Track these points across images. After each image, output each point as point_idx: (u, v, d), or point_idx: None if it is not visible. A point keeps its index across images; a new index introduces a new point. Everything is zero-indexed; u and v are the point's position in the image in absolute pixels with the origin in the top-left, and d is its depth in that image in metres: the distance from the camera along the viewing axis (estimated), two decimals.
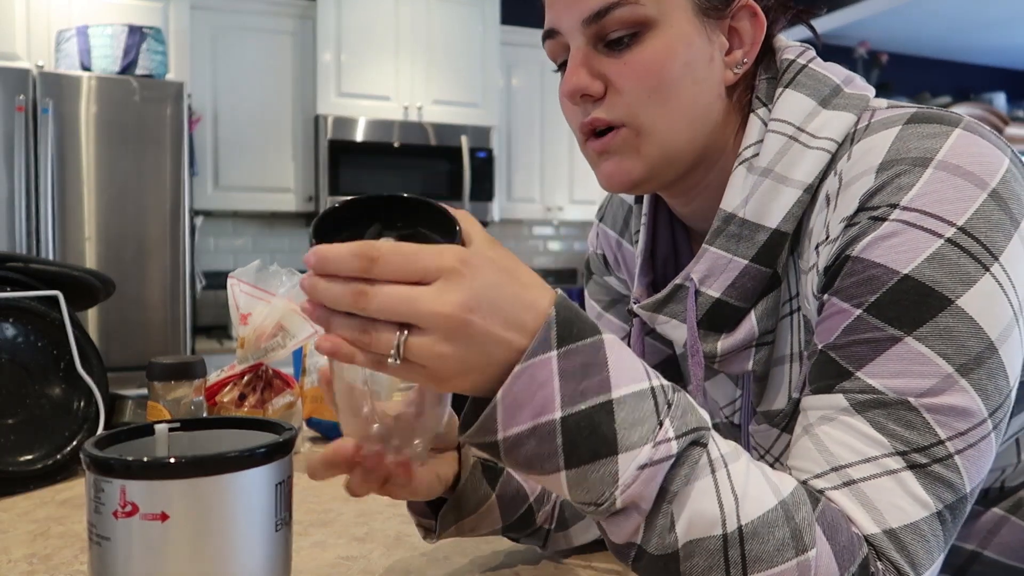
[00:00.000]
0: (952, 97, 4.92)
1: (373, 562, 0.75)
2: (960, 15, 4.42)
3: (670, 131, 0.63)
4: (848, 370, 0.54)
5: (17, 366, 1.00)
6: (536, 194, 3.99)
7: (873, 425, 0.52)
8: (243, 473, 0.49)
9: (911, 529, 0.50)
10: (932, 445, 0.51)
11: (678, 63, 0.61)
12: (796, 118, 0.62)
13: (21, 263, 1.04)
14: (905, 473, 0.51)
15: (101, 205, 2.77)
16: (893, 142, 0.56)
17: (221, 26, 3.40)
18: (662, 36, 0.61)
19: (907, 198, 0.53)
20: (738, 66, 0.65)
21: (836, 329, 0.55)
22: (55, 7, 2.98)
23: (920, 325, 0.52)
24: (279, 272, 1.12)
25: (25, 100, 2.66)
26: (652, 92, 0.62)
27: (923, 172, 0.53)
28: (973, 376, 0.52)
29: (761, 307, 0.64)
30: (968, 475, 0.52)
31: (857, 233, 0.54)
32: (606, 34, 0.62)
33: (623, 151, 0.64)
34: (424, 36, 3.63)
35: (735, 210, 0.63)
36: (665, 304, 0.67)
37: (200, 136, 3.34)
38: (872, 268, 0.53)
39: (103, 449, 0.52)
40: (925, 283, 0.52)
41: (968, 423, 0.52)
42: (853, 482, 0.52)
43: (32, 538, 0.81)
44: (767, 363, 0.67)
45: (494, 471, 0.68)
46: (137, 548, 0.48)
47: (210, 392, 1.06)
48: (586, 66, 0.63)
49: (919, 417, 0.51)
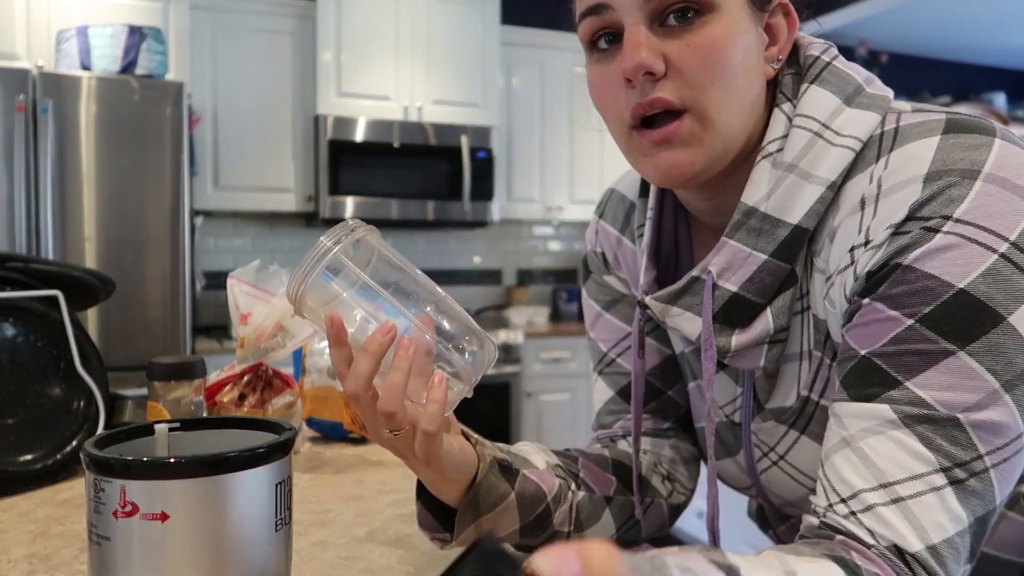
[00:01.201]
0: (952, 97, 4.92)
1: (373, 562, 0.75)
2: (960, 15, 4.42)
3: (731, 119, 0.62)
4: (897, 379, 0.54)
5: (17, 366, 1.00)
6: (536, 194, 3.99)
7: (922, 440, 0.53)
8: (243, 473, 0.49)
9: (947, 544, 0.52)
10: (972, 460, 0.52)
11: (738, 49, 0.60)
12: (821, 114, 0.62)
13: (21, 263, 1.04)
14: (947, 489, 0.52)
15: (101, 205, 2.77)
16: (936, 152, 0.56)
17: (221, 26, 3.40)
18: (723, 20, 0.60)
19: (960, 210, 0.53)
20: (775, 62, 0.64)
21: (883, 336, 0.55)
22: (55, 7, 2.98)
23: (973, 340, 0.52)
24: (279, 272, 1.12)
25: (25, 100, 2.66)
26: (717, 75, 0.60)
27: (972, 184, 0.54)
28: (1016, 392, 0.53)
29: (777, 304, 0.64)
30: (1000, 488, 0.53)
31: (909, 242, 0.54)
32: (665, 13, 0.60)
33: (689, 141, 0.61)
34: (424, 36, 3.63)
35: (757, 204, 0.62)
36: (680, 296, 0.66)
37: (200, 136, 3.34)
38: (926, 279, 0.54)
39: (103, 449, 0.52)
40: (980, 298, 0.52)
41: (1005, 438, 0.53)
42: (901, 499, 0.53)
43: (32, 538, 0.81)
44: (778, 360, 0.67)
45: (511, 471, 0.67)
46: (137, 548, 0.48)
47: (210, 392, 1.06)
48: (649, 42, 0.60)
49: (964, 434, 0.52)
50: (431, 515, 0.68)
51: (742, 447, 0.75)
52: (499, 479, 0.66)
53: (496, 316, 4.11)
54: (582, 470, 0.76)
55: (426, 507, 0.68)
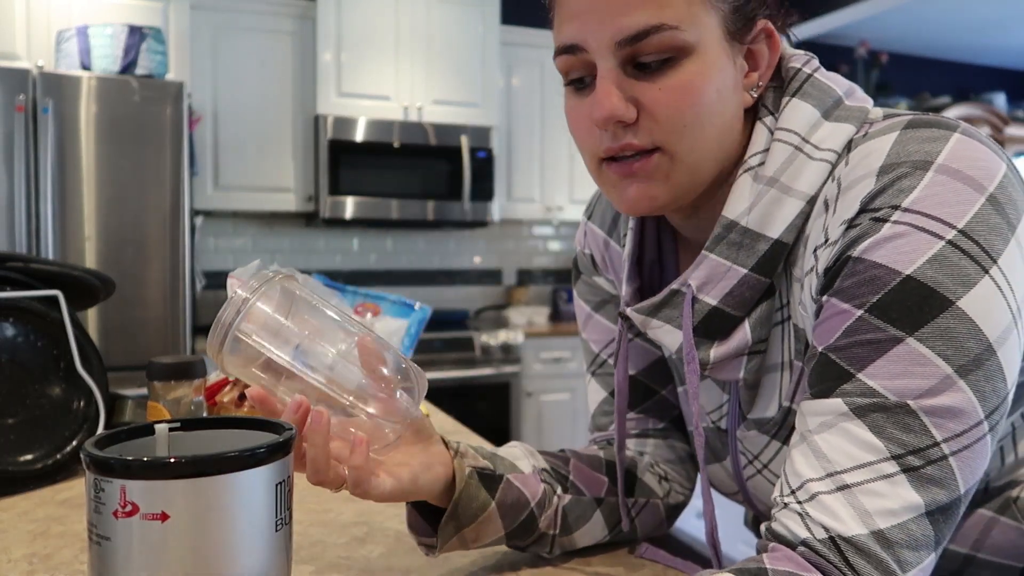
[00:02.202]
0: (952, 97, 4.92)
1: (373, 562, 0.75)
2: (960, 15, 4.42)
3: (702, 157, 0.62)
4: (849, 372, 0.54)
5: (17, 366, 1.00)
6: (536, 194, 3.99)
7: (872, 429, 0.52)
8: (243, 473, 0.49)
9: (899, 529, 0.51)
10: (927, 447, 0.52)
11: (712, 89, 0.60)
12: (802, 128, 0.62)
13: (21, 263, 1.04)
14: (899, 476, 0.51)
15: (101, 205, 2.77)
16: (893, 146, 0.56)
17: (221, 26, 3.40)
18: (697, 61, 0.59)
19: (908, 200, 0.53)
20: (754, 88, 0.64)
21: (837, 330, 0.55)
22: (55, 7, 2.98)
23: (922, 326, 0.52)
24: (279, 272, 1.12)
25: (25, 100, 2.66)
26: (691, 118, 0.60)
27: (924, 175, 0.54)
28: (971, 378, 0.52)
29: (755, 316, 0.64)
30: (962, 476, 0.52)
31: (858, 234, 0.55)
32: (639, 57, 0.59)
33: (655, 176, 0.62)
34: (424, 36, 3.63)
35: (738, 218, 0.62)
36: (660, 309, 0.66)
37: (200, 136, 3.34)
38: (874, 269, 0.54)
39: (103, 449, 0.52)
40: (927, 284, 0.52)
41: (964, 424, 0.52)
42: (847, 487, 0.52)
43: (32, 538, 0.81)
44: (758, 371, 0.67)
45: (492, 479, 0.68)
46: (137, 548, 0.48)
47: (210, 392, 1.06)
48: (619, 90, 0.60)
49: (917, 420, 0.52)
50: (420, 517, 0.69)
51: (728, 453, 0.75)
52: (479, 489, 0.66)
53: (496, 316, 4.12)
54: (572, 471, 0.76)
55: (415, 508, 0.69)
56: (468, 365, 3.43)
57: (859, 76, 4.63)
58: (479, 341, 3.46)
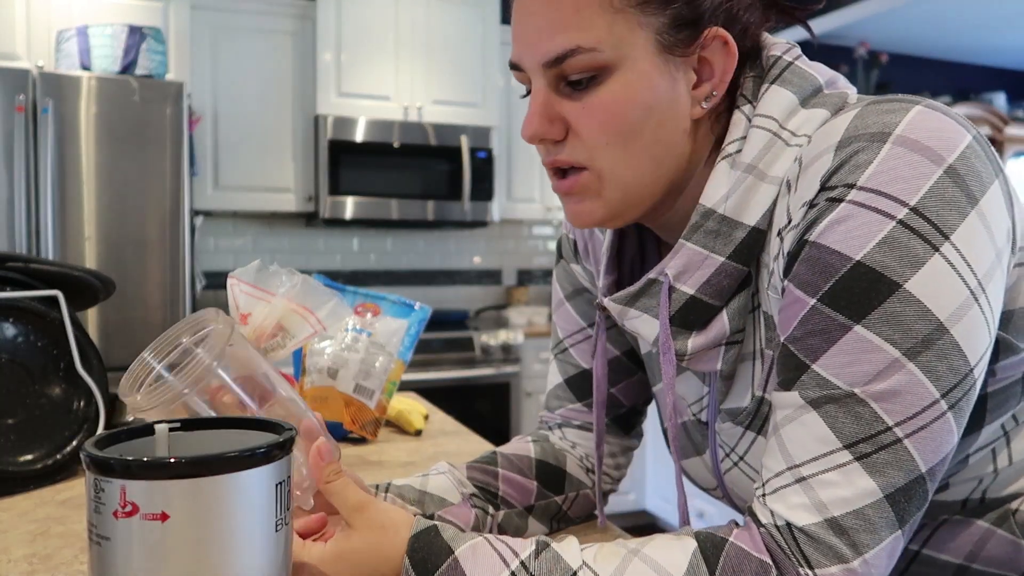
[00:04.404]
0: (952, 97, 4.92)
1: None
2: (960, 15, 4.42)
3: (632, 174, 0.63)
4: (805, 363, 0.55)
5: (17, 366, 1.00)
6: (536, 194, 3.99)
7: (825, 421, 0.54)
8: (243, 473, 0.49)
9: (854, 515, 0.53)
10: (878, 433, 0.52)
11: (638, 106, 0.61)
12: (779, 114, 0.61)
13: (21, 263, 1.04)
14: (852, 465, 0.53)
15: (101, 205, 2.77)
16: (852, 120, 0.55)
17: (221, 26, 3.40)
18: (622, 79, 0.60)
19: (863, 177, 0.53)
20: (707, 99, 0.63)
21: (794, 320, 0.56)
22: (55, 7, 2.98)
23: (868, 313, 0.52)
24: (279, 272, 1.12)
25: (25, 100, 2.66)
26: (612, 136, 0.61)
27: (881, 148, 0.53)
28: (921, 359, 0.52)
29: (733, 305, 0.64)
30: (922, 456, 0.53)
31: (816, 216, 0.54)
32: (567, 76, 0.62)
33: (585, 193, 0.64)
34: (424, 36, 3.63)
35: (715, 206, 0.62)
36: (637, 298, 0.66)
37: (200, 136, 3.34)
38: (828, 254, 0.53)
39: (103, 449, 0.52)
40: (875, 268, 0.52)
41: (916, 406, 0.52)
42: (803, 479, 0.54)
43: (32, 538, 0.81)
44: (735, 362, 0.67)
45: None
46: (137, 548, 0.48)
47: None
48: (545, 110, 0.63)
49: (867, 408, 0.52)
50: None
51: (708, 446, 0.75)
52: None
53: (496, 316, 4.12)
54: (501, 484, 0.79)
55: None
56: (468, 365, 3.43)
57: (859, 76, 4.63)
58: (479, 341, 3.46)
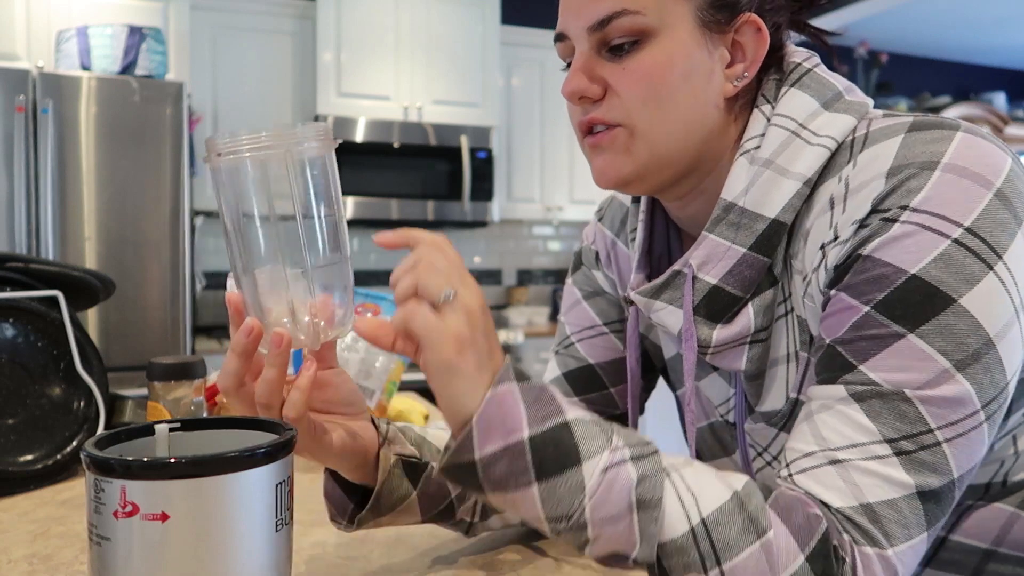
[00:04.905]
0: (952, 97, 4.92)
1: (373, 562, 0.75)
2: (960, 15, 4.42)
3: (663, 135, 0.65)
4: (852, 363, 0.57)
5: (17, 366, 1.00)
6: (536, 194, 3.99)
7: (868, 413, 0.55)
8: (243, 473, 0.49)
9: (888, 504, 0.54)
10: (920, 433, 0.54)
11: (676, 72, 0.64)
12: (799, 115, 0.64)
13: (21, 263, 1.04)
14: (892, 459, 0.54)
15: (101, 205, 2.77)
16: (899, 148, 0.58)
17: (221, 26, 3.40)
18: (662, 46, 0.64)
19: (916, 200, 0.55)
20: (739, 79, 0.66)
21: (844, 324, 0.58)
22: (55, 7, 2.98)
23: (923, 323, 0.54)
24: None
25: (25, 100, 2.66)
26: (648, 97, 0.64)
27: (931, 175, 0.56)
28: (969, 371, 0.54)
29: (758, 301, 0.66)
30: (956, 462, 0.54)
31: (869, 234, 0.57)
32: (609, 40, 0.65)
33: (614, 149, 0.67)
34: (424, 36, 3.63)
35: (735, 199, 0.65)
36: (662, 290, 0.69)
37: (200, 136, 3.34)
38: (882, 267, 0.56)
39: (103, 449, 0.52)
40: (931, 283, 0.54)
41: (960, 413, 0.54)
42: (839, 462, 0.55)
43: (32, 538, 0.81)
44: (759, 363, 0.69)
45: (417, 467, 0.69)
46: (137, 548, 0.48)
47: (210, 392, 1.06)
48: (587, 70, 0.66)
49: (912, 408, 0.54)
50: (338, 486, 0.69)
51: (738, 447, 0.76)
52: (401, 480, 0.67)
53: (496, 316, 4.12)
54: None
55: (334, 477, 0.69)
56: None
57: (859, 76, 4.63)
58: None
